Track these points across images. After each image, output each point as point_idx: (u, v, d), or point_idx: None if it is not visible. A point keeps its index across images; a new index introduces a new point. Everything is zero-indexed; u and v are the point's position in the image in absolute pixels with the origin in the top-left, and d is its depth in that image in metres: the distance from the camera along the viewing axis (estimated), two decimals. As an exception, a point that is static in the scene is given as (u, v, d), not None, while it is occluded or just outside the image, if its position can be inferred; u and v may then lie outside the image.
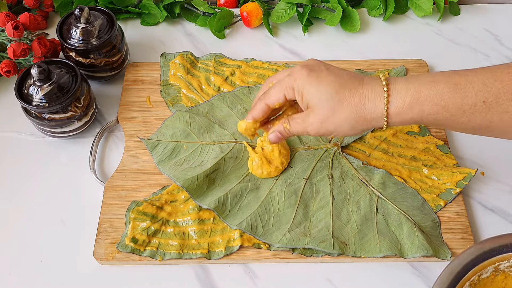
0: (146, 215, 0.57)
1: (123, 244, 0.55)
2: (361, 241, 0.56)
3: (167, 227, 0.57)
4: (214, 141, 0.63)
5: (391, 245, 0.56)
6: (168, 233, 0.56)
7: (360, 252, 0.55)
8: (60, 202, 0.62)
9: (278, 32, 0.81)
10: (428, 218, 0.58)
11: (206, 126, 0.65)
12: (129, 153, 0.64)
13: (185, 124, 0.64)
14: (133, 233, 0.56)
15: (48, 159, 0.66)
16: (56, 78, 0.60)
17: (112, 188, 0.61)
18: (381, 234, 0.57)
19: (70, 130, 0.65)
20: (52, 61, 0.63)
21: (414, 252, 0.55)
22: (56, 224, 0.60)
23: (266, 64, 0.72)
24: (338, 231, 0.57)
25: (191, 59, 0.72)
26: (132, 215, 0.57)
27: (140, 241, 0.55)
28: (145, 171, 0.62)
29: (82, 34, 0.65)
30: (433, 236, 0.57)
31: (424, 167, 0.62)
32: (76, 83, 0.61)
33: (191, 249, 0.56)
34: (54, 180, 0.64)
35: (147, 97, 0.70)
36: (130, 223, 0.57)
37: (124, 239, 0.56)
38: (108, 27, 0.67)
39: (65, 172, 0.64)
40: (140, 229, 0.56)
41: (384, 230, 0.57)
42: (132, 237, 0.55)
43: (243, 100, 0.68)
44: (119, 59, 0.70)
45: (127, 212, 0.58)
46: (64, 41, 0.66)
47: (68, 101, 0.61)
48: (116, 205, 0.59)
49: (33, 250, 0.58)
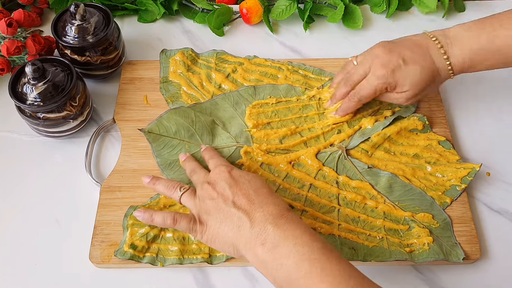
0: None
1: (121, 251, 0.54)
2: (370, 246, 0.55)
3: (166, 232, 0.56)
4: (216, 146, 0.63)
5: (401, 249, 0.55)
6: (167, 238, 0.55)
7: (370, 257, 0.54)
8: (55, 203, 0.61)
9: (278, 29, 0.80)
10: (439, 218, 0.57)
11: (211, 128, 0.64)
12: (126, 153, 0.63)
13: (190, 123, 0.63)
14: (131, 239, 0.55)
15: (43, 159, 0.65)
16: (51, 77, 0.59)
17: (109, 189, 0.60)
18: (390, 238, 0.56)
19: (65, 129, 0.64)
20: (47, 59, 0.62)
21: (425, 256, 0.54)
22: (51, 225, 0.59)
23: (269, 61, 0.71)
24: (345, 236, 0.56)
25: (192, 56, 0.71)
26: (130, 221, 0.56)
27: (139, 247, 0.54)
28: (142, 172, 0.61)
29: (78, 31, 0.65)
30: (444, 237, 0.56)
31: (427, 165, 0.61)
32: (71, 81, 0.61)
33: (192, 254, 0.55)
34: (49, 180, 0.63)
35: (145, 96, 0.69)
36: (128, 229, 0.56)
37: (122, 246, 0.55)
38: (104, 24, 0.66)
39: (60, 172, 0.64)
40: (138, 235, 0.55)
41: (392, 234, 0.56)
42: (131, 244, 0.54)
43: (248, 100, 0.67)
44: (115, 57, 0.69)
45: (125, 218, 0.57)
46: (59, 38, 0.65)
47: (63, 100, 0.60)
48: (112, 207, 0.59)
49: (28, 252, 0.57)
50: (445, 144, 0.63)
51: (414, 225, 0.56)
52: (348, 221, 0.57)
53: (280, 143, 0.63)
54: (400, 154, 0.63)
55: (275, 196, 0.50)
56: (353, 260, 0.54)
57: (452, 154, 0.63)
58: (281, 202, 0.49)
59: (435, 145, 0.63)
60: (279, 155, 0.62)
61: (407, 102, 0.59)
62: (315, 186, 0.60)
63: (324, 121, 0.64)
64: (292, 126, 0.64)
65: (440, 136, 0.64)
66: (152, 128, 0.63)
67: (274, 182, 0.60)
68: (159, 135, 0.62)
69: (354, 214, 0.58)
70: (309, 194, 0.59)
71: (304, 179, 0.60)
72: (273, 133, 0.63)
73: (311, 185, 0.60)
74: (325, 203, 0.58)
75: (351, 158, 0.62)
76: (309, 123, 0.65)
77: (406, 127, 0.64)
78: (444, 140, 0.64)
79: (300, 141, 0.63)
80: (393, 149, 0.63)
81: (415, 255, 0.54)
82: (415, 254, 0.54)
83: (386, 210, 0.58)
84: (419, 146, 0.63)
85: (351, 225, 0.57)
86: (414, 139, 0.64)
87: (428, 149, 0.63)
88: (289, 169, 0.61)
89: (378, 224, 0.56)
